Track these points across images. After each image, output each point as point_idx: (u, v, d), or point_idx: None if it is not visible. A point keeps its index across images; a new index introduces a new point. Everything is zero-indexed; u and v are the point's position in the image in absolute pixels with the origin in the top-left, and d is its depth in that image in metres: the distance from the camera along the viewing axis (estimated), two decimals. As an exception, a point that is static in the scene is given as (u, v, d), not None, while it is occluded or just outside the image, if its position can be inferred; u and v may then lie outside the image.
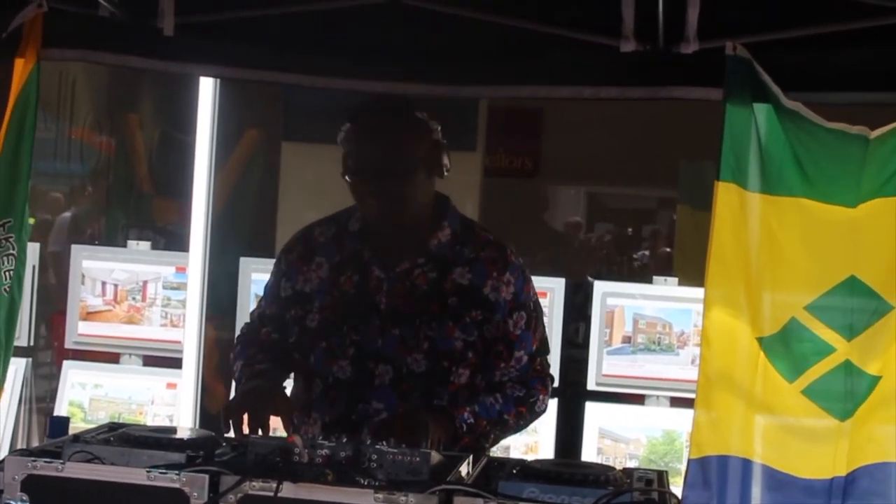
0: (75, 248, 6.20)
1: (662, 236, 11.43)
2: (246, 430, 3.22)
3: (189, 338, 5.67)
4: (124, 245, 6.34)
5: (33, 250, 5.87)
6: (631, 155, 10.14)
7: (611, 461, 5.36)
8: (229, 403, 3.36)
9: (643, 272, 10.54)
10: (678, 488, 3.35)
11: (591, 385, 5.67)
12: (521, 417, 3.56)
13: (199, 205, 5.62)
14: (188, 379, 5.68)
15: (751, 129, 3.74)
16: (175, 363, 5.85)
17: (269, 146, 9.10)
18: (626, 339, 5.61)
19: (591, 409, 5.66)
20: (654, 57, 3.97)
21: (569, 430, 5.76)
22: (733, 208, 3.73)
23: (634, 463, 5.41)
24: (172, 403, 5.88)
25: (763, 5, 3.92)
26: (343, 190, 3.68)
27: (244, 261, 5.91)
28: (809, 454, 3.67)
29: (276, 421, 3.30)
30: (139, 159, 9.96)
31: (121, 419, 5.63)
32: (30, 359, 5.97)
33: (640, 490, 2.75)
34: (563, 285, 5.72)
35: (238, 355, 3.65)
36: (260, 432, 3.19)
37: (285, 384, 3.60)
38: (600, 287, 5.75)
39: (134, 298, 5.95)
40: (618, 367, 5.62)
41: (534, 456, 5.41)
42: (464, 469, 2.90)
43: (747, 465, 3.66)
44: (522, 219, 10.08)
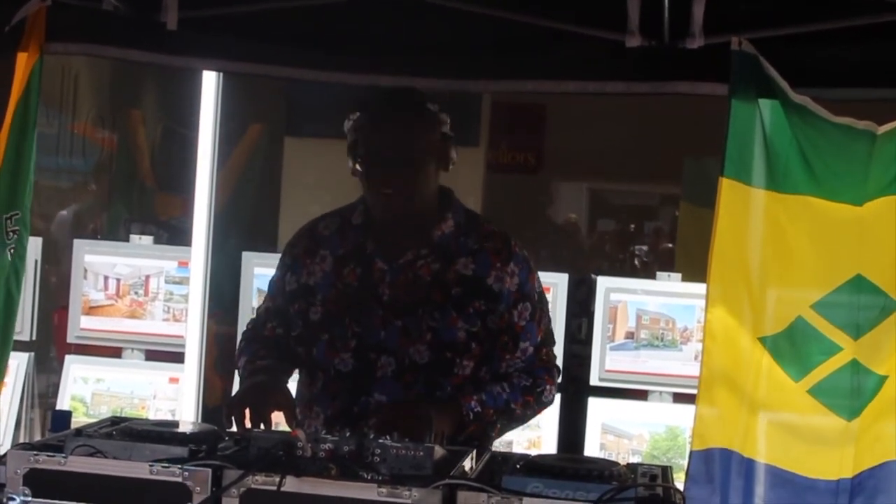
0: (77, 242, 6.19)
1: (665, 233, 11.41)
2: (248, 424, 3.22)
3: (191, 332, 5.67)
4: (127, 240, 6.33)
5: (36, 245, 5.87)
6: (634, 151, 10.13)
7: (614, 457, 5.36)
8: (232, 398, 3.37)
9: (644, 268, 10.53)
10: (682, 484, 3.35)
11: (594, 381, 5.67)
12: (527, 407, 3.54)
13: (201, 199, 5.61)
14: (190, 373, 5.68)
15: (756, 125, 3.73)
16: (177, 358, 5.85)
17: (272, 141, 9.10)
18: (630, 335, 5.60)
19: (594, 405, 5.65)
20: (660, 52, 3.96)
21: (571, 426, 5.75)
22: (737, 205, 3.72)
23: (637, 458, 5.40)
24: (174, 398, 5.87)
25: (769, 0, 3.91)
26: (346, 184, 3.67)
27: (246, 255, 5.90)
28: (815, 454, 3.66)
29: (278, 416, 3.30)
30: (141, 154, 9.95)
31: (123, 413, 5.61)
32: (32, 353, 5.96)
33: (645, 485, 2.73)
34: (566, 281, 5.71)
35: (242, 352, 3.65)
36: (262, 427, 3.20)
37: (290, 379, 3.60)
38: (603, 283, 5.74)
39: (136, 293, 5.94)
40: (621, 362, 5.61)
41: (537, 451, 5.40)
42: (467, 464, 2.89)
43: (751, 464, 3.65)
44: (525, 214, 10.07)
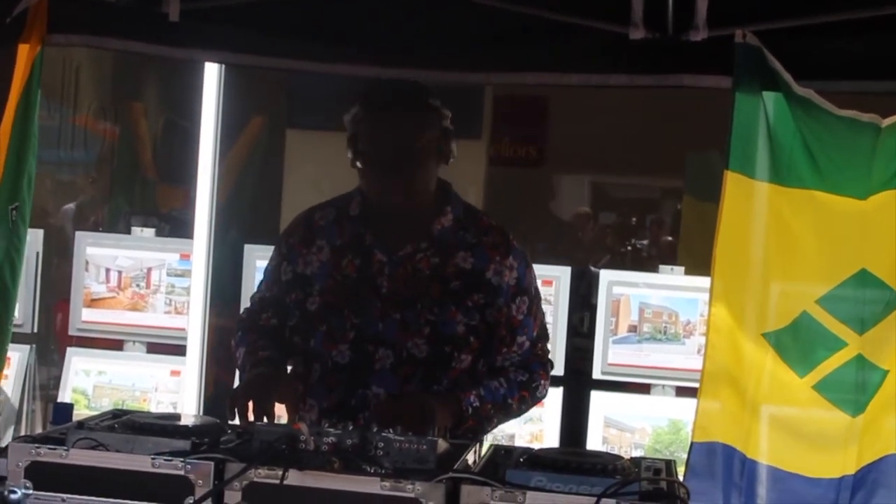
0: (79, 234, 6.19)
1: (667, 226, 11.40)
2: (251, 417, 3.21)
3: (193, 325, 5.67)
4: (128, 232, 6.32)
5: (37, 237, 5.87)
6: (636, 144, 10.11)
7: (616, 450, 5.35)
8: (234, 390, 3.35)
9: (645, 261, 10.52)
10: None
11: (596, 374, 5.66)
12: (523, 402, 3.56)
13: (203, 192, 5.61)
14: (192, 366, 5.68)
15: (759, 118, 3.73)
16: (179, 350, 5.85)
17: (274, 133, 9.09)
18: (632, 328, 5.59)
19: (597, 398, 5.65)
20: (663, 45, 3.95)
21: (574, 419, 5.74)
22: (741, 199, 3.72)
23: (640, 452, 5.40)
24: (176, 391, 5.87)
25: (773, -7, 3.90)
26: (347, 177, 3.66)
27: (248, 248, 5.89)
28: (819, 454, 3.66)
29: (279, 408, 3.29)
30: (143, 146, 9.94)
31: (124, 406, 5.61)
32: (33, 345, 5.96)
33: (649, 479, 2.72)
34: (568, 274, 5.70)
35: (240, 342, 3.62)
36: (265, 419, 3.19)
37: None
38: (606, 276, 5.73)
39: (138, 285, 5.93)
40: (623, 356, 5.60)
41: (538, 445, 5.40)
42: (470, 457, 2.88)
43: (754, 465, 3.65)
44: (527, 207, 10.06)
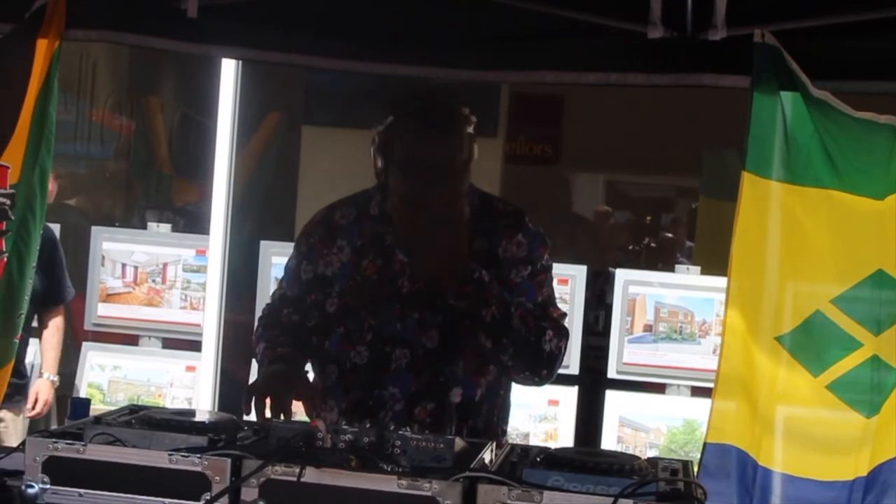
0: (95, 229, 6.18)
1: (681, 225, 11.39)
2: (268, 413, 3.21)
3: (209, 321, 5.67)
4: (143, 227, 6.33)
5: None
6: (651, 143, 10.11)
7: (631, 450, 5.34)
8: (252, 385, 3.34)
9: (654, 258, 10.50)
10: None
11: (611, 373, 5.66)
12: (525, 325, 3.36)
13: (219, 187, 5.60)
14: (207, 362, 5.68)
15: (777, 118, 3.72)
16: (194, 346, 5.86)
17: (289, 130, 9.09)
18: (648, 328, 5.59)
19: (612, 398, 5.64)
20: (682, 44, 3.94)
21: (589, 419, 5.74)
22: (758, 200, 3.71)
23: (654, 452, 5.39)
24: (191, 386, 5.88)
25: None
26: (362, 174, 3.64)
27: (264, 244, 5.90)
28: (832, 456, 3.65)
29: (296, 405, 3.30)
30: (159, 141, 9.96)
31: (139, 401, 5.62)
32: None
33: (667, 480, 2.71)
34: (584, 273, 5.69)
35: (260, 337, 3.62)
36: (282, 417, 3.19)
37: (307, 368, 3.58)
38: (622, 275, 5.73)
39: (154, 281, 5.94)
40: (639, 355, 5.59)
41: (553, 444, 5.39)
42: (487, 456, 2.88)
43: (765, 473, 3.64)
44: (542, 205, 10.04)
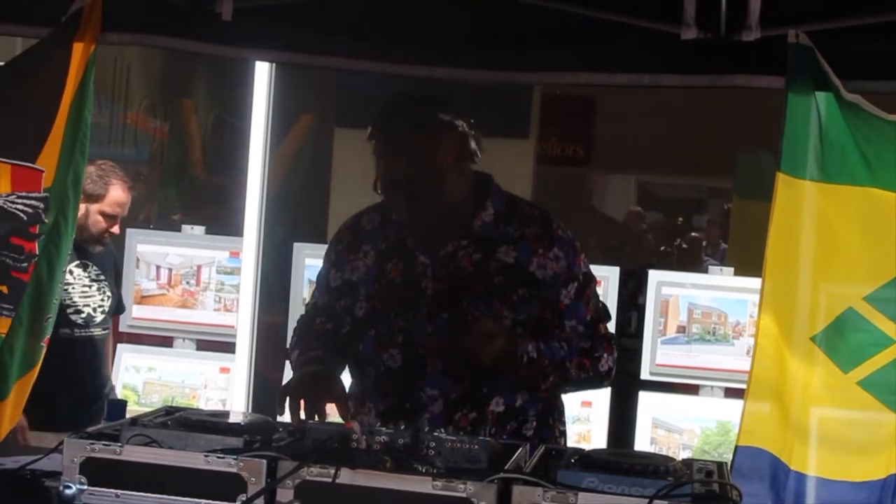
0: (130, 231, 6.20)
1: (714, 225, 11.37)
2: (302, 415, 3.22)
3: (242, 322, 5.69)
4: (177, 229, 6.36)
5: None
6: (683, 144, 10.09)
7: (664, 451, 5.33)
8: (286, 386, 3.36)
9: (685, 259, 10.46)
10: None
11: (644, 375, 5.64)
12: (582, 369, 3.48)
13: (253, 190, 5.62)
14: (241, 363, 5.70)
15: (811, 119, 3.71)
16: (228, 348, 5.88)
17: (322, 132, 9.12)
18: (681, 329, 5.57)
19: (645, 399, 5.63)
20: (715, 45, 3.92)
21: (622, 420, 5.74)
22: (792, 201, 3.70)
23: (688, 453, 5.38)
24: (225, 388, 5.90)
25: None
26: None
27: (297, 246, 5.91)
28: (865, 457, 3.64)
29: (330, 407, 3.30)
30: (193, 144, 10.00)
31: (174, 403, 5.65)
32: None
33: (702, 481, 2.71)
34: (616, 274, 5.68)
35: (294, 346, 3.66)
36: (316, 418, 3.20)
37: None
38: (655, 276, 5.71)
39: (188, 283, 5.97)
40: (672, 356, 5.58)
41: (586, 445, 5.39)
42: (522, 457, 2.88)
43: (798, 477, 3.63)
44: (574, 207, 10.05)
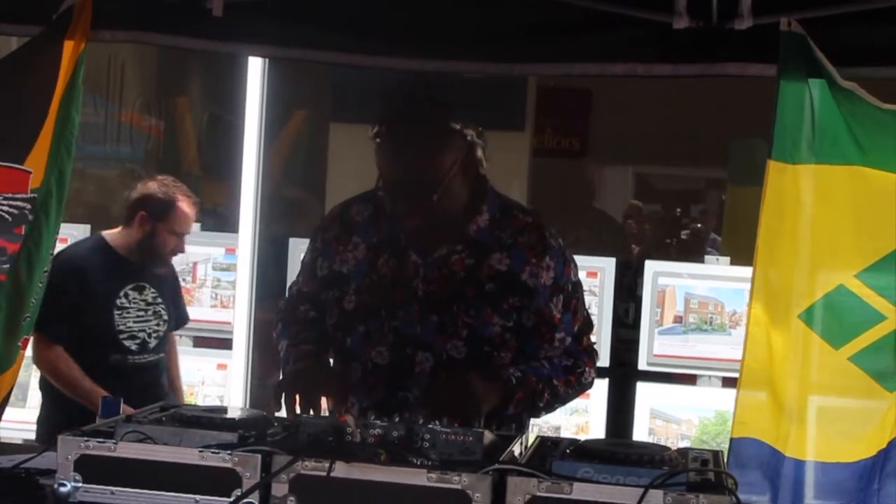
0: (126, 229, 6.20)
1: (710, 216, 11.35)
2: (298, 410, 3.22)
3: (239, 319, 5.69)
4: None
5: (84, 233, 5.90)
6: (679, 135, 10.08)
7: (662, 441, 5.34)
8: (281, 382, 3.35)
9: (683, 250, 10.46)
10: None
11: (642, 365, 5.65)
12: (569, 386, 3.50)
13: (248, 186, 5.63)
14: (238, 360, 5.71)
15: (804, 106, 3.72)
16: (225, 344, 5.88)
17: (317, 127, 9.10)
18: (678, 319, 5.57)
19: (643, 390, 5.64)
20: (708, 33, 3.91)
21: (620, 411, 5.74)
22: (783, 187, 3.71)
23: (686, 443, 5.38)
24: (223, 384, 5.90)
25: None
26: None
27: (293, 241, 5.91)
28: (859, 437, 3.64)
29: (324, 401, 3.30)
30: (188, 142, 9.99)
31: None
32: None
33: (697, 470, 2.71)
34: (613, 265, 5.69)
35: (281, 334, 3.63)
36: (311, 412, 3.20)
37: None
38: (651, 266, 5.72)
39: (184, 279, 5.96)
40: (669, 347, 5.58)
41: (584, 436, 5.39)
42: (517, 449, 2.88)
43: (798, 464, 3.64)
44: (570, 199, 10.04)
